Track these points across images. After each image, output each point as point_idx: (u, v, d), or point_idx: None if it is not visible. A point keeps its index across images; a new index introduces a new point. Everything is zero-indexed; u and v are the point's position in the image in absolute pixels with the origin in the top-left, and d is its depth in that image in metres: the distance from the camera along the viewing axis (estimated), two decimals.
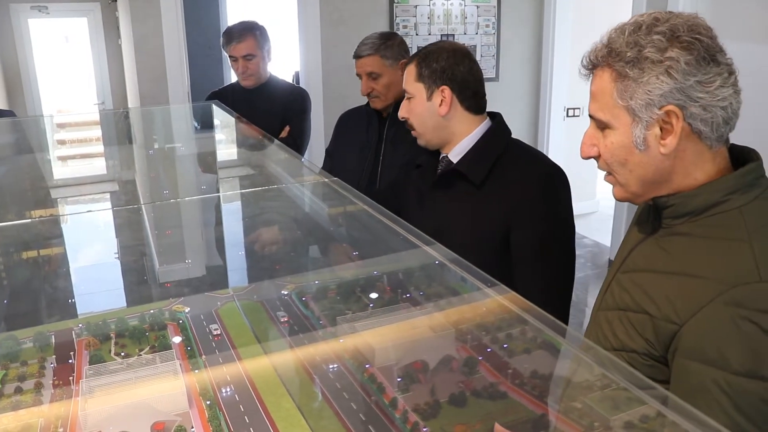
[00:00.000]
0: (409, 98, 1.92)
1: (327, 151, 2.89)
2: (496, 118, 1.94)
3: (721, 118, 1.14)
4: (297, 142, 3.34)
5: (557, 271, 1.77)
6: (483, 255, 1.77)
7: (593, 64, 1.22)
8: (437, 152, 1.96)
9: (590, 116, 1.26)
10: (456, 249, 1.76)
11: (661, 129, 1.15)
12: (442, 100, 1.85)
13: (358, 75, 2.62)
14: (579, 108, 5.80)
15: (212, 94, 3.67)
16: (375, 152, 2.62)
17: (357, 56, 2.61)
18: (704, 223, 1.17)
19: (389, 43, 2.58)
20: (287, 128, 3.35)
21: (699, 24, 1.15)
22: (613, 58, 1.17)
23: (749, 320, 1.05)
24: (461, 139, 1.89)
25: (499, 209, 1.78)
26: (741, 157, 1.22)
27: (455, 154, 1.89)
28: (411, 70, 1.90)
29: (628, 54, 1.14)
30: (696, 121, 1.13)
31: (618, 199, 1.30)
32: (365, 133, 2.67)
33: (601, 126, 1.23)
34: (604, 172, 1.29)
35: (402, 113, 1.94)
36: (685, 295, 1.12)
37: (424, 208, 1.96)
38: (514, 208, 1.76)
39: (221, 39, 3.44)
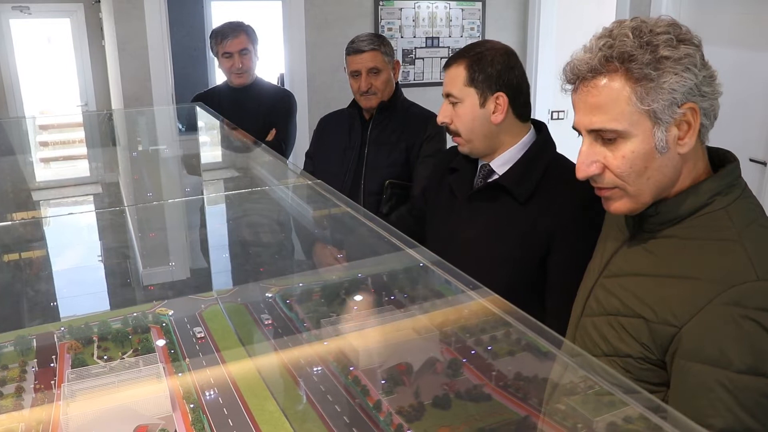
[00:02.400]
0: (454, 103, 1.75)
1: (307, 154, 2.88)
2: (542, 129, 1.82)
3: (717, 110, 1.17)
4: (282, 145, 3.34)
5: None
6: (518, 271, 1.72)
7: (595, 71, 1.15)
8: (474, 158, 1.84)
9: (592, 131, 1.19)
10: (491, 262, 1.71)
11: (677, 129, 1.14)
12: (496, 107, 1.72)
13: (353, 73, 2.58)
14: (563, 111, 5.82)
15: (197, 96, 3.66)
16: (359, 154, 2.62)
17: (357, 51, 2.56)
18: (690, 224, 1.17)
19: (385, 41, 2.60)
20: (273, 131, 3.34)
21: (685, 26, 1.17)
22: (626, 62, 1.12)
23: (749, 318, 1.06)
24: (507, 148, 1.77)
25: (541, 228, 1.69)
26: (717, 158, 1.23)
27: (500, 164, 1.77)
28: (459, 74, 1.73)
29: (645, 57, 1.11)
30: (704, 117, 1.15)
31: (619, 213, 1.24)
32: (347, 136, 2.66)
33: (612, 137, 1.16)
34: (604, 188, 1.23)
35: (443, 118, 1.78)
36: (681, 297, 1.12)
37: (460, 217, 1.84)
38: (555, 229, 1.68)
39: (210, 40, 3.43)
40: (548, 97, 5.66)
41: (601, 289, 1.29)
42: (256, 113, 3.32)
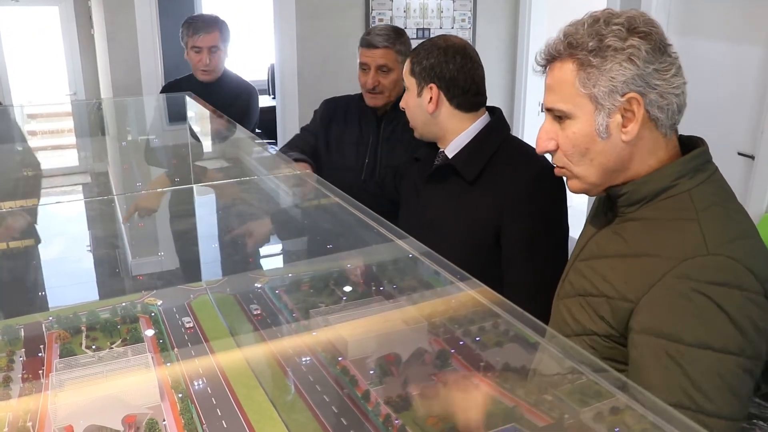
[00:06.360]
0: (406, 90, 1.94)
1: (309, 130, 2.66)
2: (495, 114, 1.93)
3: (676, 105, 1.20)
4: None
5: (544, 269, 1.73)
6: (473, 249, 1.80)
7: (552, 57, 1.26)
8: (436, 146, 1.96)
9: (547, 109, 1.29)
10: (447, 242, 1.77)
11: (622, 116, 1.20)
12: (430, 98, 1.85)
13: (362, 66, 2.45)
14: None
15: (167, 85, 3.64)
16: (374, 151, 2.49)
17: (369, 45, 2.43)
18: (656, 207, 1.22)
19: (403, 39, 2.47)
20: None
21: (651, 18, 1.22)
22: (574, 48, 1.21)
23: (699, 292, 1.09)
24: (455, 135, 1.88)
25: (490, 206, 1.78)
26: (689, 145, 1.27)
27: (451, 149, 1.89)
28: (407, 64, 1.91)
29: (590, 44, 1.19)
30: (654, 108, 1.19)
31: (574, 192, 1.34)
32: (358, 129, 2.52)
33: (561, 117, 1.26)
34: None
35: (402, 103, 1.97)
36: (638, 273, 1.17)
37: (419, 201, 1.97)
38: (504, 206, 1.77)
39: (181, 28, 3.36)
40: (538, 90, 5.67)
41: (574, 272, 1.35)
42: (219, 106, 3.29)
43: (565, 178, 1.35)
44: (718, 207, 1.19)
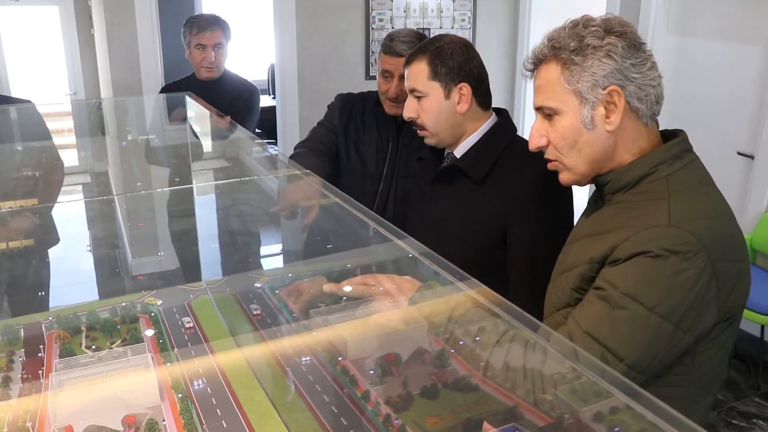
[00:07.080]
0: (419, 97, 1.84)
1: (327, 126, 2.50)
2: (502, 114, 1.92)
3: (654, 96, 1.30)
4: None
5: (549, 271, 1.67)
6: (479, 250, 1.81)
7: (539, 60, 1.38)
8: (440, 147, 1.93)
9: (537, 109, 1.40)
10: (452, 243, 1.78)
11: (605, 108, 1.30)
12: (460, 98, 1.82)
13: (384, 73, 2.29)
14: None
15: (166, 87, 3.64)
16: (393, 159, 2.40)
17: (393, 53, 2.26)
18: (636, 191, 1.32)
19: None
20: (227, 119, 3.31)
21: (625, 20, 1.33)
22: (557, 50, 1.32)
23: (650, 254, 1.19)
24: (468, 136, 1.86)
25: (497, 207, 1.78)
26: (671, 136, 1.36)
27: (460, 150, 1.87)
28: (421, 69, 1.82)
29: (572, 44, 1.30)
30: (633, 99, 1.29)
31: (565, 184, 1.43)
32: (377, 133, 2.42)
33: (550, 114, 1.36)
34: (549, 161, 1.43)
35: (409, 113, 1.86)
36: (606, 242, 1.27)
37: (424, 202, 1.95)
38: (510, 207, 1.76)
39: (183, 28, 3.38)
40: None
41: (562, 254, 1.46)
42: (219, 107, 3.29)
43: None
44: (691, 189, 1.28)
